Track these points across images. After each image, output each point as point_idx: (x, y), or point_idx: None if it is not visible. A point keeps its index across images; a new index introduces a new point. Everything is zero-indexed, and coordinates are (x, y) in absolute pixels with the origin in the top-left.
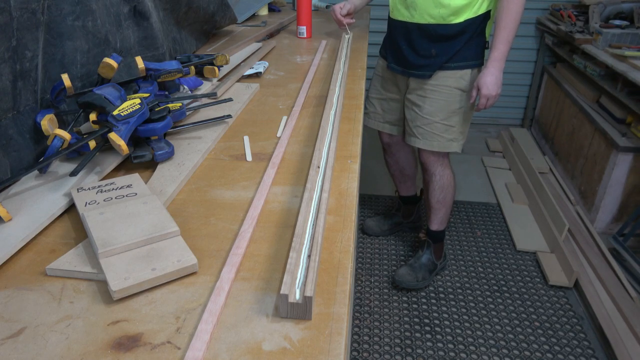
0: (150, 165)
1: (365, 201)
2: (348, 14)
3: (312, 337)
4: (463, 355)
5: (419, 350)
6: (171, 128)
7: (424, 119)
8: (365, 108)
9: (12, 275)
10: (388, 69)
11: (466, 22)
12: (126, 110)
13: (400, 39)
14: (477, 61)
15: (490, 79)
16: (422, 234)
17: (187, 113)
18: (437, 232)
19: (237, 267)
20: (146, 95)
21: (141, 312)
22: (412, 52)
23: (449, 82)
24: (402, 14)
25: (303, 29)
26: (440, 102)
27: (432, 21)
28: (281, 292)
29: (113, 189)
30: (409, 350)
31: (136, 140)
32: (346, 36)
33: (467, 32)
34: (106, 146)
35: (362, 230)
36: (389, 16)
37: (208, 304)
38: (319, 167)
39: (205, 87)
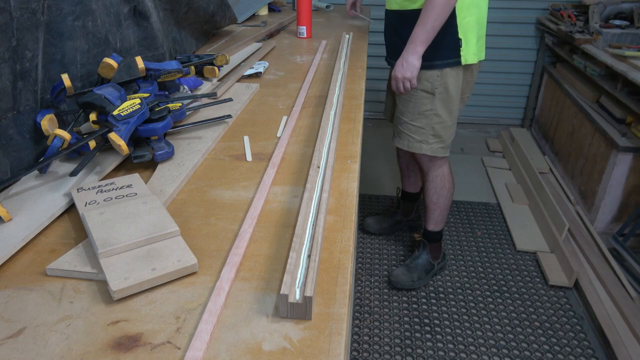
0: (150, 165)
1: (365, 201)
2: (353, 5)
3: (312, 337)
4: (463, 355)
5: (419, 350)
6: (171, 128)
7: (398, 117)
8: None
9: (12, 275)
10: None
11: (419, 11)
12: (126, 110)
13: (384, 27)
14: (442, 61)
15: (399, 61)
16: (417, 234)
17: (187, 113)
18: (433, 232)
19: (237, 267)
20: (146, 95)
21: (141, 312)
22: (386, 39)
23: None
24: (387, 2)
25: (303, 29)
26: (409, 102)
27: (396, 7)
28: (281, 292)
29: (113, 189)
30: (409, 350)
31: (136, 140)
32: (346, 36)
33: None
34: (106, 146)
35: (362, 228)
36: None
37: (208, 304)
38: (319, 167)
39: (205, 87)
